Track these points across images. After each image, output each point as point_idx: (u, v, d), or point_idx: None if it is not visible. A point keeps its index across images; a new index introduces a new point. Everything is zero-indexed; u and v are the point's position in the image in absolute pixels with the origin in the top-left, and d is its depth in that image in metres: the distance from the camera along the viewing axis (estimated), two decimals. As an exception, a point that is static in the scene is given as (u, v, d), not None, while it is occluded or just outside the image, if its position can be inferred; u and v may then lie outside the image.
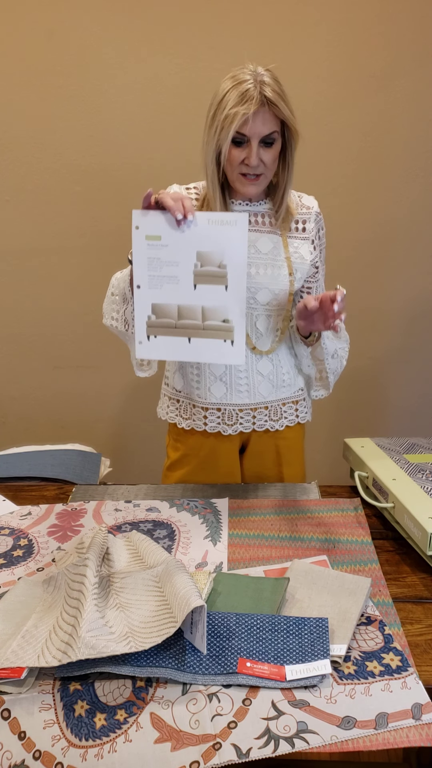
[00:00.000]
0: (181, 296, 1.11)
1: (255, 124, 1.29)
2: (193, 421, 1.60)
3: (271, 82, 1.29)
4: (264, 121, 1.30)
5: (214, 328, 1.08)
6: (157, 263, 1.13)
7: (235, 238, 1.18)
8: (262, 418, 1.60)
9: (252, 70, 1.31)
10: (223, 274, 1.13)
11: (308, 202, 1.51)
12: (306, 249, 1.47)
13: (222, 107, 1.29)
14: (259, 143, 1.32)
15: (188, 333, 1.08)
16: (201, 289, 1.11)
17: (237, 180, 1.37)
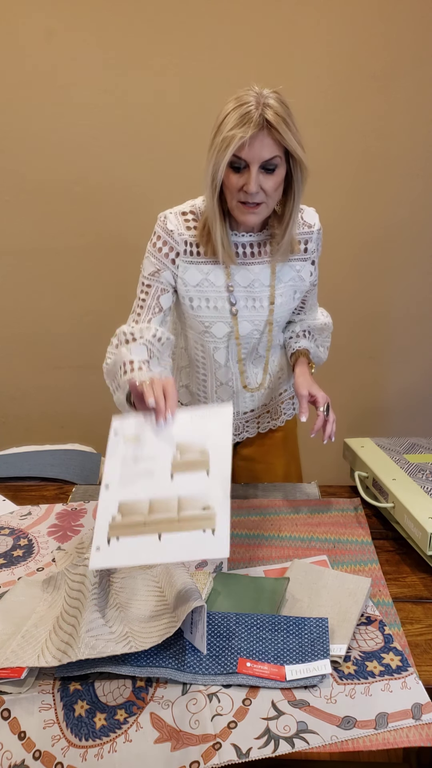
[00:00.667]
0: (155, 489, 0.97)
1: (253, 148, 1.18)
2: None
3: (276, 105, 1.18)
4: (264, 146, 1.19)
5: (192, 519, 0.92)
6: (132, 460, 1.01)
7: (220, 425, 1.08)
8: (264, 420, 1.62)
9: (257, 92, 1.20)
10: (205, 460, 1.01)
11: (310, 218, 1.41)
12: (306, 270, 1.42)
13: (221, 130, 1.20)
14: (260, 169, 1.21)
15: (159, 529, 0.91)
16: (179, 479, 0.99)
17: (236, 208, 1.26)
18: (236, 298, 1.37)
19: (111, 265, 2.46)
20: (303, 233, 1.39)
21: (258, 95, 1.19)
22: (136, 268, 1.46)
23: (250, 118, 1.17)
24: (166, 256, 1.34)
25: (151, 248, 1.35)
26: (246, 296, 1.38)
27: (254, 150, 1.19)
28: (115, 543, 0.93)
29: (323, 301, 1.64)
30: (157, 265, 1.35)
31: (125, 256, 2.43)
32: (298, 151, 1.22)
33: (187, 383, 1.55)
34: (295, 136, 1.21)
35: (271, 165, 1.21)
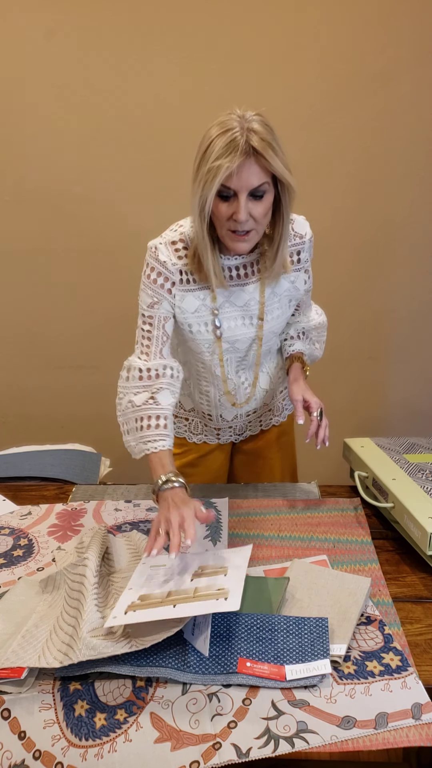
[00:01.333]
0: (174, 586, 1.05)
1: (241, 177, 1.15)
2: (205, 436, 1.62)
3: (260, 130, 1.14)
4: (251, 174, 1.16)
5: (206, 595, 1.00)
6: (156, 576, 1.09)
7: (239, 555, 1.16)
8: (267, 417, 1.64)
9: (239, 115, 1.16)
10: (224, 569, 1.09)
11: (300, 229, 1.38)
12: (301, 279, 1.41)
13: (206, 159, 1.16)
14: (248, 196, 1.18)
15: (174, 602, 0.99)
16: (198, 581, 1.06)
17: (226, 236, 1.24)
18: (221, 321, 1.36)
19: (111, 265, 2.46)
20: (295, 244, 1.37)
21: (241, 120, 1.15)
22: (135, 267, 1.46)
23: (236, 145, 1.13)
24: (162, 287, 1.32)
25: (146, 280, 1.34)
26: (243, 315, 1.38)
27: (242, 179, 1.16)
28: (132, 613, 0.98)
29: (323, 302, 1.64)
30: (154, 297, 1.33)
31: (125, 256, 2.43)
32: (286, 175, 1.19)
33: (189, 392, 1.56)
34: (282, 160, 1.18)
35: (259, 192, 1.18)
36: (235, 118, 1.16)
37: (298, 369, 1.48)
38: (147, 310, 1.35)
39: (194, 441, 1.62)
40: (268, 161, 1.15)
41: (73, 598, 1.05)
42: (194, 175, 1.20)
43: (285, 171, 1.18)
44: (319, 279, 1.53)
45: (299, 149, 2.34)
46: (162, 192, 2.35)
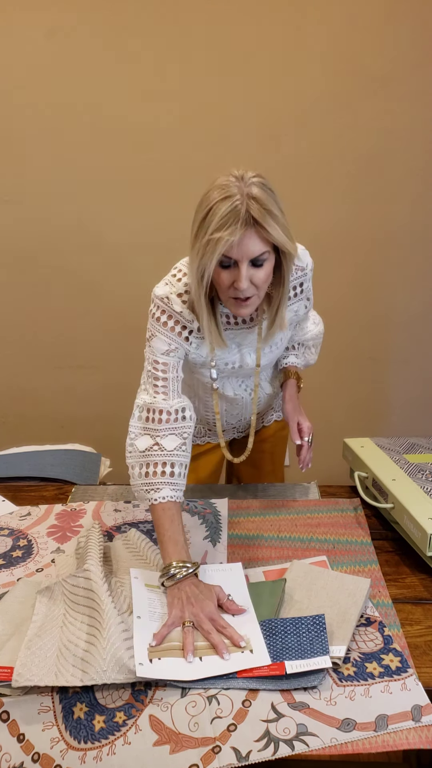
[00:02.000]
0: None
1: (241, 248, 1.13)
2: (208, 437, 1.62)
3: (260, 196, 1.11)
4: (252, 244, 1.13)
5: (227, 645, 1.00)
6: (157, 603, 1.08)
7: (234, 577, 1.16)
8: (268, 415, 1.66)
9: (238, 177, 1.13)
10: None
11: (300, 261, 1.34)
12: (302, 305, 1.40)
13: (205, 228, 1.13)
14: (249, 264, 1.16)
15: (198, 654, 0.98)
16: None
17: (228, 302, 1.22)
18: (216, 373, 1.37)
19: (111, 265, 2.46)
20: (297, 277, 1.34)
21: (240, 184, 1.12)
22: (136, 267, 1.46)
23: (237, 216, 1.10)
24: (179, 335, 1.30)
25: (161, 328, 1.29)
26: (247, 352, 1.38)
27: (242, 250, 1.14)
28: (158, 662, 0.96)
29: (323, 302, 1.64)
30: (170, 344, 1.30)
31: (126, 256, 2.43)
32: (287, 244, 1.17)
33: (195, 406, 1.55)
34: (282, 227, 1.15)
35: (260, 260, 1.16)
36: (233, 182, 1.12)
37: (293, 386, 1.49)
38: (162, 357, 1.30)
39: (197, 443, 1.62)
40: (269, 232, 1.13)
41: (80, 613, 1.03)
42: (193, 242, 1.17)
43: (284, 239, 1.16)
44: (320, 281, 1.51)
45: (299, 150, 2.34)
46: (162, 191, 2.34)
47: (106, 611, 0.99)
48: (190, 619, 1.04)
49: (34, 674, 0.93)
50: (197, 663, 0.97)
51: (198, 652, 0.99)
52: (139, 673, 0.93)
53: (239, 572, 1.17)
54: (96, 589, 1.03)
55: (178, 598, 1.08)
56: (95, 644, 0.95)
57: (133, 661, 0.94)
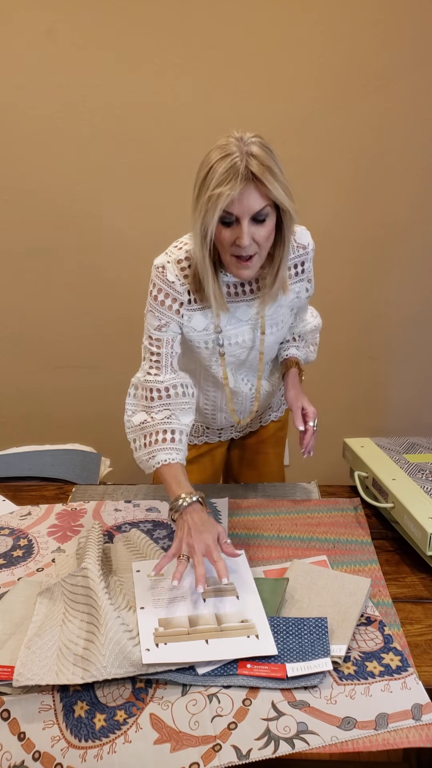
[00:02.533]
0: (190, 609, 1.05)
1: (242, 204, 1.15)
2: (206, 437, 1.62)
3: (260, 154, 1.14)
4: (252, 199, 1.15)
5: (233, 629, 1.00)
6: (161, 590, 1.09)
7: (237, 563, 1.17)
8: (266, 415, 1.66)
9: (238, 137, 1.16)
10: (232, 588, 1.09)
11: (303, 239, 1.37)
12: (303, 287, 1.40)
13: (206, 186, 1.15)
14: (250, 221, 1.18)
15: (204, 636, 0.98)
16: (210, 601, 1.06)
17: (230, 262, 1.23)
18: (224, 338, 1.36)
19: (111, 265, 2.46)
20: (298, 255, 1.36)
21: (240, 143, 1.15)
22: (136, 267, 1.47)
23: (236, 172, 1.12)
24: (170, 308, 1.31)
25: (152, 302, 1.31)
26: (248, 329, 1.38)
27: (243, 205, 1.15)
28: (164, 647, 0.97)
29: (323, 302, 1.64)
30: (162, 319, 1.32)
31: (126, 255, 2.43)
32: (286, 202, 1.18)
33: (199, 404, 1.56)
34: (282, 184, 1.17)
35: (261, 216, 1.18)
36: (233, 141, 1.15)
37: (295, 375, 1.49)
38: (155, 332, 1.32)
39: (195, 443, 1.62)
40: (268, 187, 1.14)
41: (79, 611, 1.04)
42: (195, 202, 1.19)
43: (284, 196, 1.17)
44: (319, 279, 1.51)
45: (299, 150, 2.34)
46: (162, 193, 2.35)
47: (102, 608, 0.99)
48: (185, 551, 1.10)
49: (35, 673, 0.93)
50: (203, 646, 0.97)
51: (205, 635, 0.99)
52: (145, 660, 0.93)
53: (243, 560, 1.18)
54: (93, 587, 1.03)
55: (181, 528, 1.15)
56: (94, 641, 0.95)
57: (138, 649, 0.94)
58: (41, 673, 0.93)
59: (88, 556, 1.12)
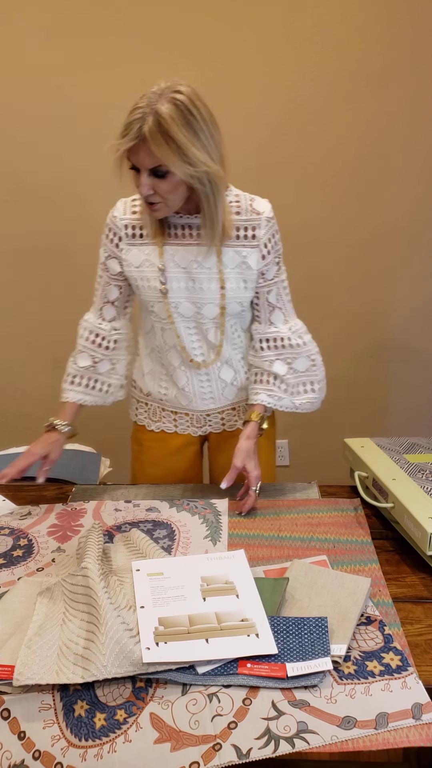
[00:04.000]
0: (191, 608, 1.05)
1: (137, 157, 1.21)
2: (163, 424, 1.61)
3: (165, 114, 1.16)
4: (144, 156, 1.21)
5: (233, 627, 1.00)
6: (161, 589, 1.10)
7: (237, 562, 1.18)
8: (231, 418, 1.62)
9: (163, 88, 1.20)
10: (232, 587, 1.10)
11: (259, 206, 1.39)
12: (254, 257, 1.39)
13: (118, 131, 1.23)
14: (150, 173, 1.23)
15: (204, 635, 0.99)
16: (210, 600, 1.07)
17: (142, 205, 1.32)
18: (167, 278, 1.39)
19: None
20: (251, 220, 1.38)
21: (158, 96, 1.19)
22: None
23: (131, 129, 1.18)
24: (111, 242, 1.42)
25: (103, 237, 1.44)
26: (186, 276, 1.40)
27: (138, 159, 1.22)
28: (164, 645, 0.97)
29: (323, 302, 1.64)
30: (105, 253, 1.45)
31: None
32: (175, 167, 1.20)
33: (152, 368, 1.57)
34: (176, 149, 1.19)
35: (159, 171, 1.22)
36: (156, 91, 1.20)
37: (253, 429, 1.45)
38: (100, 266, 1.47)
39: (152, 429, 1.62)
40: (152, 150, 1.18)
41: (79, 611, 1.04)
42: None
43: (174, 161, 1.19)
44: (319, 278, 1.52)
45: (298, 149, 2.34)
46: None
47: (103, 607, 0.99)
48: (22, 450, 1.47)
49: (35, 673, 0.93)
50: (203, 645, 0.97)
51: (205, 634, 0.99)
52: (145, 659, 0.93)
53: (242, 559, 1.18)
54: (93, 586, 1.03)
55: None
56: (94, 641, 0.95)
57: (139, 647, 0.94)
58: (41, 673, 0.93)
59: (88, 555, 1.12)
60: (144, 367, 1.59)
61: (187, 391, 1.54)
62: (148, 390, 1.60)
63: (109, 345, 1.51)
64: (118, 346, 1.53)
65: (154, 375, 1.57)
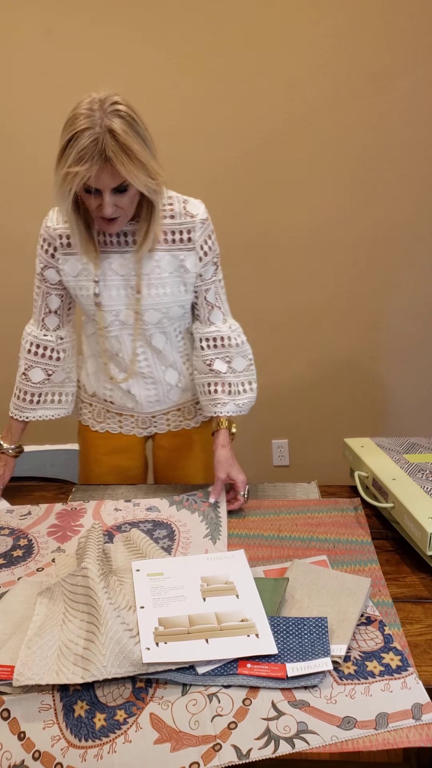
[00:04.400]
0: (191, 608, 1.05)
1: (101, 180, 1.19)
2: (107, 425, 1.62)
3: (119, 129, 1.15)
4: (109, 177, 1.19)
5: (233, 628, 1.00)
6: (161, 589, 1.10)
7: (237, 563, 1.18)
8: (176, 419, 1.62)
9: (100, 100, 1.18)
10: (232, 587, 1.10)
11: (193, 209, 1.39)
12: (192, 260, 1.40)
13: (65, 159, 1.18)
14: (112, 191, 1.22)
15: (204, 635, 0.99)
16: (210, 600, 1.07)
17: (96, 220, 1.30)
18: (107, 287, 1.39)
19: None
20: (185, 223, 1.38)
21: (102, 113, 1.16)
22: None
23: (92, 152, 1.15)
24: (46, 252, 1.40)
25: (38, 247, 1.42)
26: (124, 284, 1.40)
27: (102, 181, 1.19)
28: (164, 646, 0.97)
29: (323, 302, 1.64)
30: (41, 264, 1.42)
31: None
32: (139, 183, 1.20)
33: (96, 370, 1.57)
34: (138, 163, 1.19)
35: (122, 187, 1.21)
36: (96, 109, 1.17)
37: (225, 437, 1.47)
38: (36, 277, 1.44)
39: (97, 429, 1.62)
40: (119, 171, 1.17)
41: (79, 611, 1.04)
42: (56, 165, 1.23)
43: (138, 178, 1.19)
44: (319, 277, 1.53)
45: (299, 149, 2.34)
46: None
47: (103, 607, 0.99)
48: None
49: (35, 673, 0.93)
50: (203, 645, 0.97)
51: (205, 634, 0.99)
52: (145, 659, 0.93)
53: (242, 559, 1.18)
54: (93, 586, 1.03)
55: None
56: (94, 641, 0.95)
57: (138, 647, 0.94)
58: (41, 673, 0.93)
59: (88, 555, 1.12)
60: (89, 368, 1.58)
61: (133, 394, 1.54)
62: (93, 390, 1.60)
63: (59, 356, 1.51)
64: (67, 354, 1.53)
65: (98, 377, 1.57)
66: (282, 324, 2.56)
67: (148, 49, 2.23)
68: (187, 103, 2.28)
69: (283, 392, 2.61)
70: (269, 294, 2.53)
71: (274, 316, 2.56)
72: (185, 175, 2.33)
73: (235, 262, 2.49)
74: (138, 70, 2.25)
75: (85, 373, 1.60)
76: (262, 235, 2.42)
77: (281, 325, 2.57)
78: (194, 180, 2.34)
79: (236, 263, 2.49)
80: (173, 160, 2.31)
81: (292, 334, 2.56)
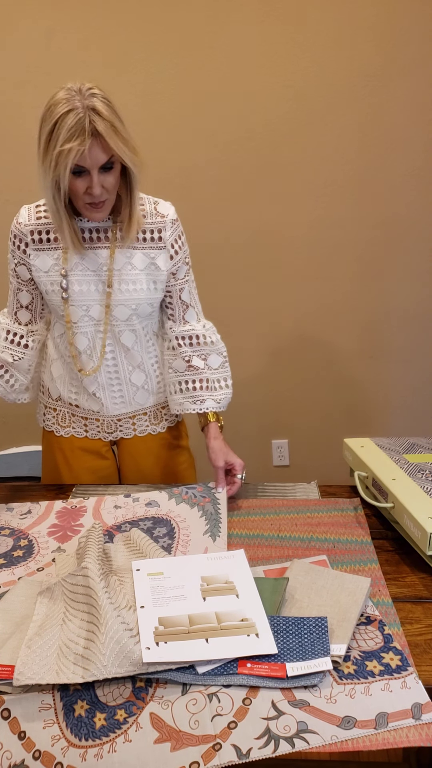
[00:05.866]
0: (191, 608, 1.05)
1: (91, 157, 1.24)
2: (72, 429, 1.61)
3: (102, 109, 1.21)
4: (99, 152, 1.24)
5: (233, 627, 1.01)
6: (161, 589, 1.10)
7: (237, 563, 1.18)
8: (142, 424, 1.62)
9: (76, 89, 1.22)
10: (232, 587, 1.10)
11: (163, 209, 1.45)
12: (162, 258, 1.44)
13: (55, 141, 1.22)
14: (99, 170, 1.27)
15: (204, 635, 0.99)
16: (210, 600, 1.07)
17: (84, 208, 1.33)
18: (77, 281, 1.41)
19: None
20: (156, 222, 1.42)
21: (81, 97, 1.21)
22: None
23: (82, 128, 1.20)
24: (18, 248, 1.42)
25: (9, 244, 1.44)
26: (96, 279, 1.42)
27: (92, 158, 1.24)
28: (164, 645, 0.97)
29: (323, 302, 1.64)
30: (13, 261, 1.45)
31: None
32: (126, 156, 1.26)
33: (61, 373, 1.57)
34: (122, 139, 1.25)
35: (109, 164, 1.26)
36: (74, 95, 1.21)
37: (216, 429, 1.50)
38: (10, 273, 1.46)
39: (62, 434, 1.61)
40: (110, 145, 1.22)
41: (79, 611, 1.04)
42: (43, 155, 1.26)
43: (125, 150, 1.25)
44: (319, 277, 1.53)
45: (299, 150, 2.34)
46: (162, 189, 2.34)
47: (103, 607, 0.99)
48: None
49: (35, 672, 0.93)
50: (203, 645, 0.97)
51: (205, 633, 0.99)
52: (145, 658, 0.93)
53: (242, 559, 1.18)
54: (93, 586, 1.03)
55: None
56: (94, 641, 0.95)
57: (139, 647, 0.95)
58: (41, 672, 0.93)
59: (88, 555, 1.12)
60: (53, 371, 1.58)
61: (98, 396, 1.54)
62: (58, 394, 1.59)
63: (28, 343, 1.52)
64: (36, 345, 1.54)
65: (63, 380, 1.57)
66: (282, 324, 2.57)
67: (149, 49, 2.23)
68: (187, 103, 2.28)
69: (283, 392, 2.61)
70: (269, 294, 2.53)
71: (274, 316, 2.56)
72: (185, 174, 2.33)
73: (234, 262, 2.49)
74: (138, 70, 2.25)
75: (50, 376, 1.59)
76: (261, 235, 2.42)
77: (281, 325, 2.57)
78: (194, 180, 2.34)
79: (236, 263, 2.50)
80: (173, 160, 2.32)
81: (292, 334, 2.56)
